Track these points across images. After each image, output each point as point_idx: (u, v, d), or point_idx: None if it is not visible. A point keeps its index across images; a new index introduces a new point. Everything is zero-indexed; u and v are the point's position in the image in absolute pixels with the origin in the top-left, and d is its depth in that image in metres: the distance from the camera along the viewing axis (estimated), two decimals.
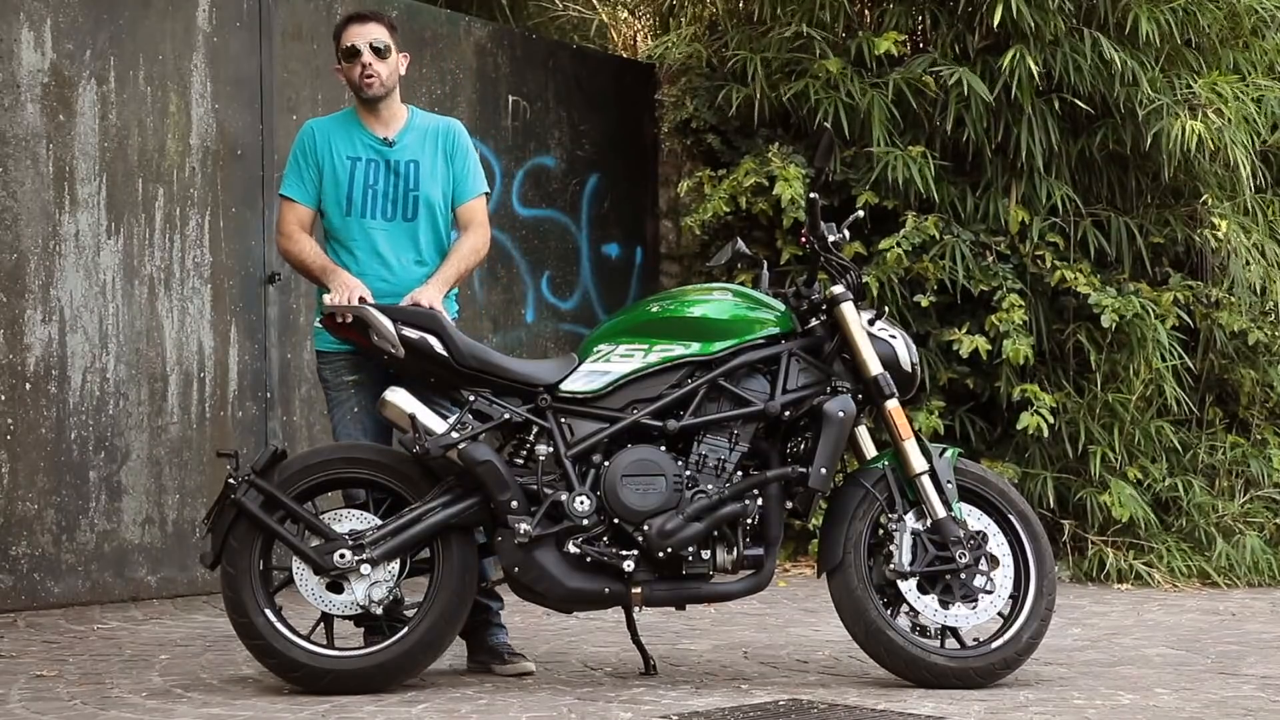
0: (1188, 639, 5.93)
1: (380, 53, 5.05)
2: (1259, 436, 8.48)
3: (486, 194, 5.20)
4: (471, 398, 4.77)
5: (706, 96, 8.40)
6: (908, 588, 4.79)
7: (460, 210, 5.13)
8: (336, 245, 5.03)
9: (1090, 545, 7.69)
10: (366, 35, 5.05)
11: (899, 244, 7.63)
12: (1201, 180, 8.12)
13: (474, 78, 7.92)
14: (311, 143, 5.06)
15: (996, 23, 7.55)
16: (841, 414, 4.76)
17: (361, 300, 4.78)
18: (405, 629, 4.70)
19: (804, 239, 5.02)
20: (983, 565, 4.80)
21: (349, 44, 5.06)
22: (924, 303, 7.73)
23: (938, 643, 4.84)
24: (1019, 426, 7.60)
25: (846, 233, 5.05)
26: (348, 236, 5.00)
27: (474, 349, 4.80)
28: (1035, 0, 7.62)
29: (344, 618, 4.74)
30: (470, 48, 7.93)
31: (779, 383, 4.82)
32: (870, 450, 4.97)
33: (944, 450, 4.90)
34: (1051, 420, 7.63)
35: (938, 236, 7.72)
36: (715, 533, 4.74)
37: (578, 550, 4.69)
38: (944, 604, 4.79)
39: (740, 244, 5.14)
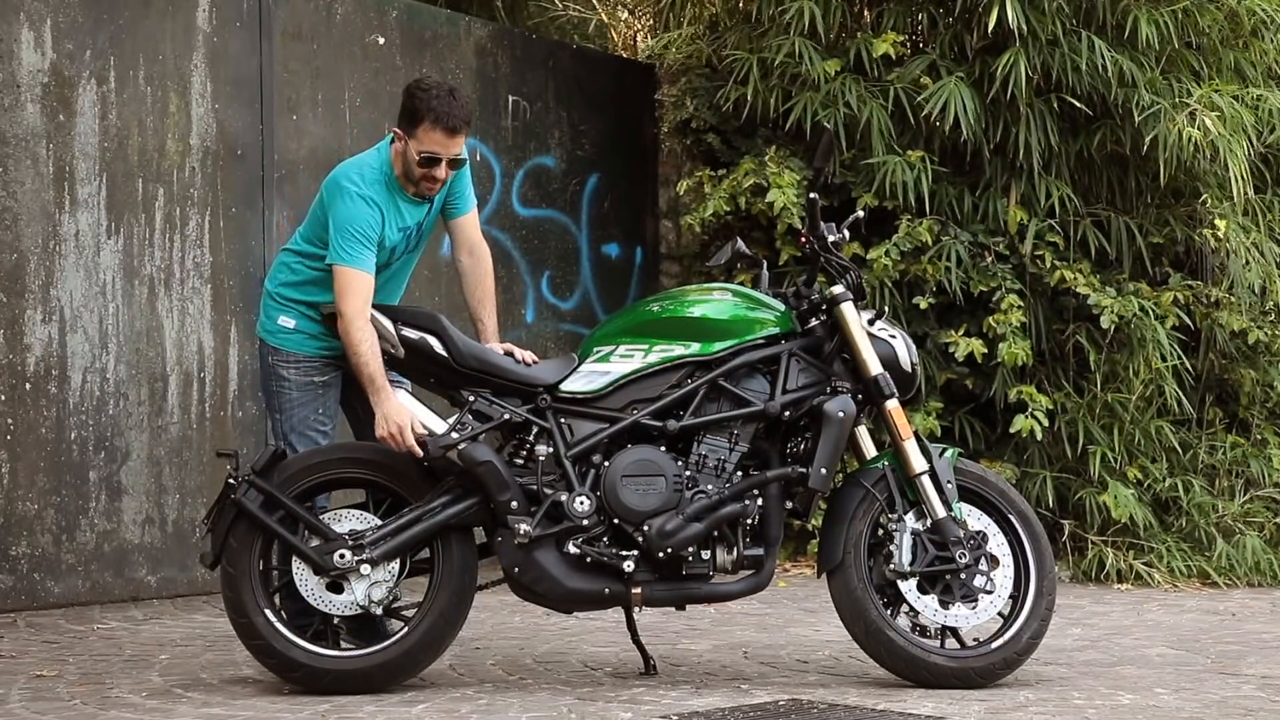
0: (1188, 639, 5.93)
1: (455, 165, 4.87)
2: (1259, 436, 8.48)
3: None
4: (471, 398, 4.77)
5: (706, 96, 8.40)
6: (908, 588, 4.79)
7: (463, 222, 5.10)
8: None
9: (1090, 545, 7.69)
10: (451, 149, 4.80)
11: (888, 252, 7.63)
12: (1201, 181, 8.12)
13: (474, 78, 7.92)
14: (379, 224, 4.79)
15: (992, 27, 7.55)
16: (841, 414, 4.76)
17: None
18: (405, 629, 4.70)
19: (804, 239, 5.02)
20: (983, 565, 4.80)
21: (431, 153, 4.78)
22: (923, 304, 7.73)
23: (938, 643, 4.84)
24: (1013, 429, 7.60)
25: (846, 233, 5.05)
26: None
27: (474, 349, 4.80)
28: (1032, 1, 7.63)
29: (344, 618, 4.73)
30: (470, 48, 7.93)
31: (779, 383, 4.81)
32: (870, 450, 4.97)
33: (944, 450, 4.90)
34: (1046, 423, 7.62)
35: (930, 242, 7.72)
36: (715, 533, 4.73)
37: (578, 550, 4.69)
38: (944, 604, 4.78)
39: (740, 244, 5.13)
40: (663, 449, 4.76)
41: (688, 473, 4.73)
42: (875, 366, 4.85)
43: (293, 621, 4.72)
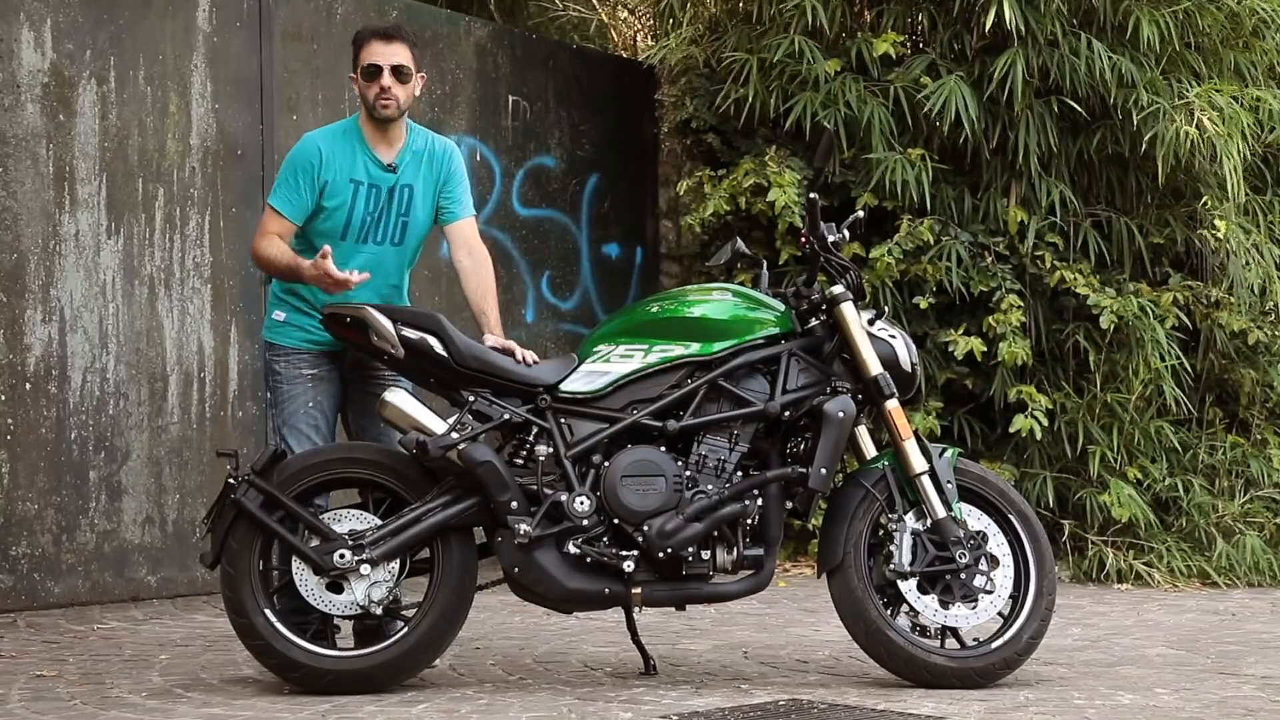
0: (1188, 639, 5.93)
1: (401, 76, 4.94)
2: (1259, 436, 8.48)
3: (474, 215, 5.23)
4: (471, 398, 4.77)
5: (706, 97, 8.40)
6: (908, 588, 4.79)
7: (460, 225, 5.12)
8: None
9: (1090, 545, 7.69)
10: (390, 56, 4.93)
11: (890, 251, 7.63)
12: (1201, 182, 8.12)
13: (474, 78, 7.93)
14: (316, 161, 4.91)
15: (989, 27, 7.56)
16: (841, 414, 4.76)
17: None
18: (405, 629, 4.70)
19: (804, 239, 5.02)
20: (983, 565, 4.80)
21: (370, 62, 4.93)
22: (923, 304, 7.74)
23: (938, 643, 4.84)
24: (1013, 429, 7.61)
25: (846, 233, 5.05)
26: (337, 258, 4.83)
27: (474, 349, 4.79)
28: (1031, 1, 7.63)
29: (344, 618, 4.74)
30: (470, 48, 7.93)
31: (779, 383, 4.81)
32: (870, 450, 4.97)
33: (944, 450, 4.90)
34: (1046, 423, 7.62)
35: (931, 241, 7.72)
36: (715, 533, 4.73)
37: (578, 551, 4.68)
38: (944, 604, 4.78)
39: (740, 244, 5.14)
40: (663, 449, 4.76)
41: (688, 473, 4.73)
42: (875, 366, 4.85)
43: (288, 619, 4.73)
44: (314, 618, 4.73)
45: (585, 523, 4.69)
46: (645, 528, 4.66)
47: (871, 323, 4.93)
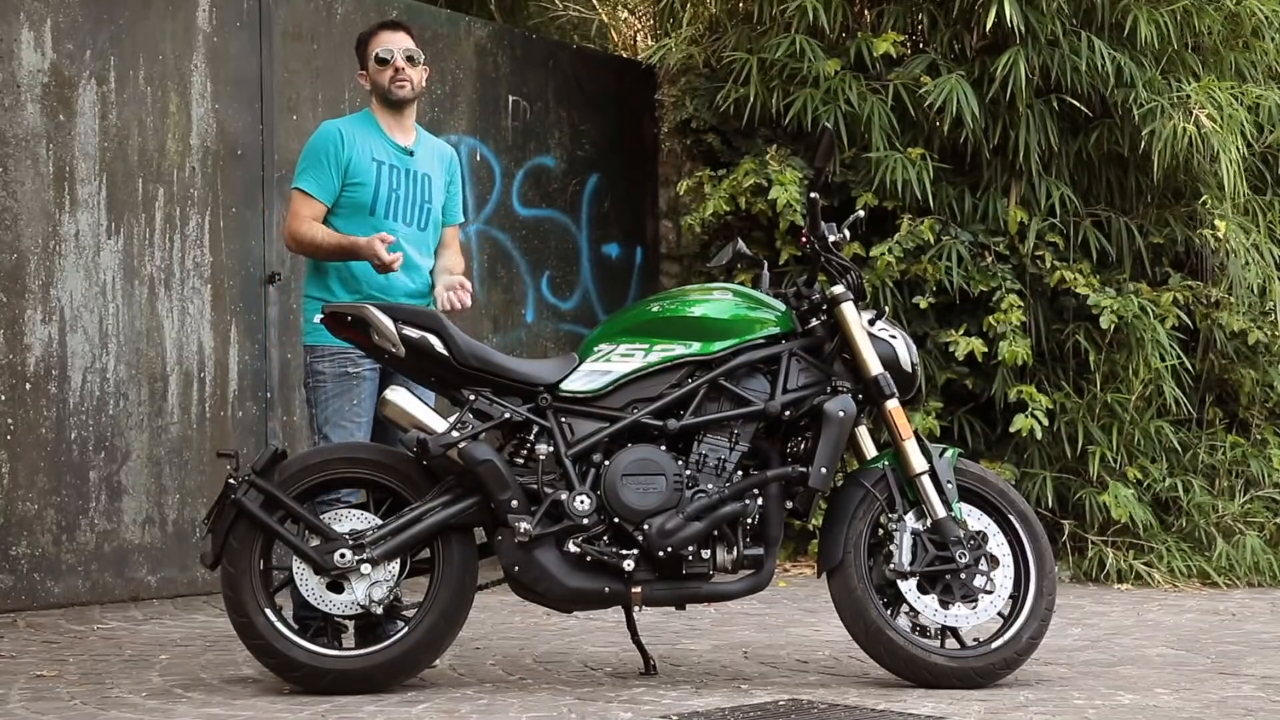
0: (1188, 639, 5.93)
1: (412, 60, 5.20)
2: (1259, 436, 8.48)
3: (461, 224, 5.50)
4: (472, 397, 4.77)
5: (706, 97, 8.40)
6: (908, 588, 4.78)
7: (454, 229, 5.39)
8: None
9: (1090, 545, 7.69)
10: (399, 43, 5.23)
11: (890, 250, 7.64)
12: (1201, 181, 8.12)
13: (474, 78, 7.93)
14: (337, 142, 5.10)
15: (989, 27, 7.56)
16: (841, 414, 4.76)
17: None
18: (405, 629, 4.70)
19: (804, 239, 5.02)
20: (983, 565, 4.80)
21: (382, 50, 5.18)
22: (923, 304, 7.74)
23: (938, 643, 4.84)
24: (1013, 429, 7.61)
25: (847, 233, 5.05)
26: (367, 233, 5.01)
27: (474, 348, 4.80)
28: (1031, 0, 7.63)
29: (344, 617, 4.74)
30: (470, 48, 7.94)
31: (779, 382, 4.81)
32: (870, 450, 4.97)
33: (944, 450, 4.90)
34: (1046, 423, 7.62)
35: (932, 241, 7.73)
36: (715, 532, 4.73)
37: (578, 550, 4.68)
38: (944, 604, 4.78)
39: (740, 244, 5.14)
40: (663, 448, 4.76)
41: (688, 472, 4.73)
42: (875, 366, 4.85)
43: (298, 615, 4.75)
44: (320, 615, 4.74)
45: (585, 521, 4.69)
46: (645, 526, 4.66)
47: (872, 323, 4.93)
